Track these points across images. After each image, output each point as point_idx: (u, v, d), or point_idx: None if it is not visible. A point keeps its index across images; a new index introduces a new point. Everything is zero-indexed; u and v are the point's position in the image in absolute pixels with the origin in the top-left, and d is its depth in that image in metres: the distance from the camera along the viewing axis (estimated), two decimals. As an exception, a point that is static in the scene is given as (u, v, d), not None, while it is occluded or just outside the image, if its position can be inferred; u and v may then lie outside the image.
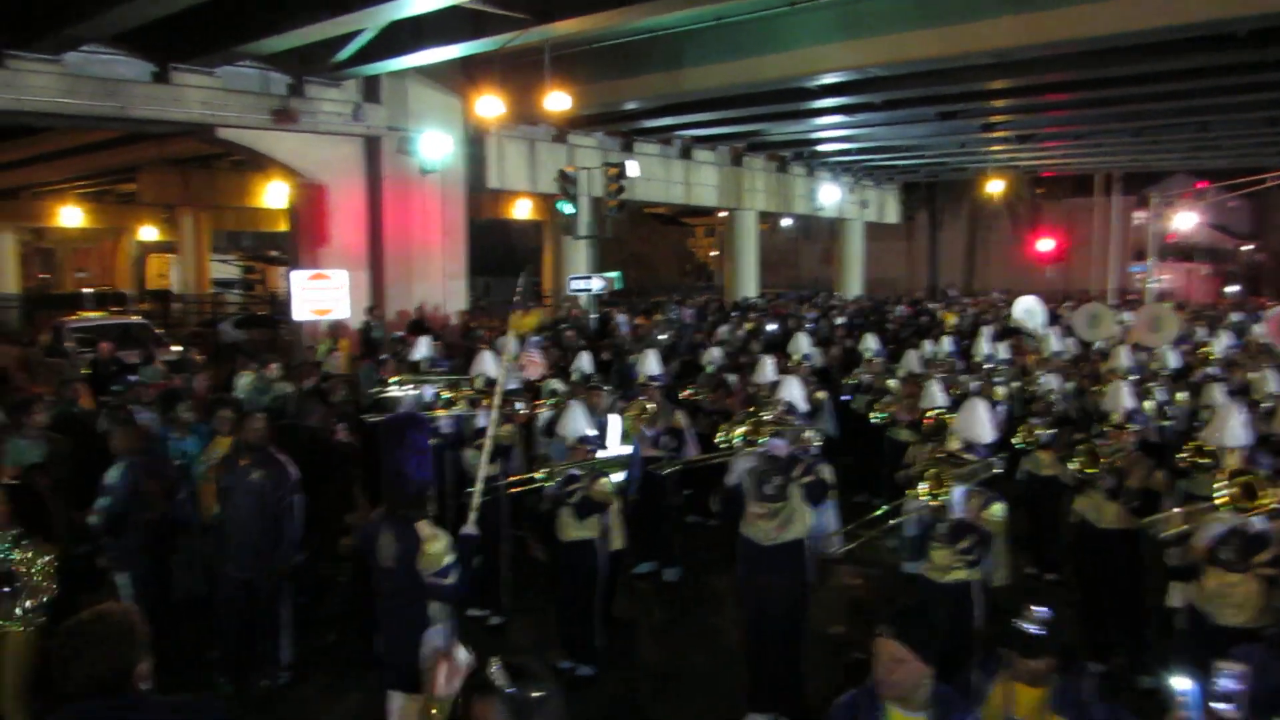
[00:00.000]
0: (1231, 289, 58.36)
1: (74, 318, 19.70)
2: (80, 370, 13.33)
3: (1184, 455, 6.93)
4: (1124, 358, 11.63)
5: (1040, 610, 3.50)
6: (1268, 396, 9.33)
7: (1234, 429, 5.97)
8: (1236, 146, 26.46)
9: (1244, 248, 64.23)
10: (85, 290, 38.67)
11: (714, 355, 11.88)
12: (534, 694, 2.66)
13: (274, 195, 30.58)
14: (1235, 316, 21.78)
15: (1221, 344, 13.98)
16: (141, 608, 6.40)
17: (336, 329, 16.43)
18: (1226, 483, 5.19)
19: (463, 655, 3.26)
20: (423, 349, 9.93)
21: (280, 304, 23.82)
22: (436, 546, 4.82)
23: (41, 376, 14.93)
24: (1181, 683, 3.33)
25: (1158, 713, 3.67)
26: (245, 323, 26.35)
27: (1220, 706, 3.30)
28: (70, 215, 40.26)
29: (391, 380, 9.33)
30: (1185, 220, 52.62)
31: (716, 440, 6.91)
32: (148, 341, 16.93)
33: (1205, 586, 5.22)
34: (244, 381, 10.71)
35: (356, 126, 18.00)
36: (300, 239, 18.61)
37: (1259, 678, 3.49)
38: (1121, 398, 7.09)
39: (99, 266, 50.16)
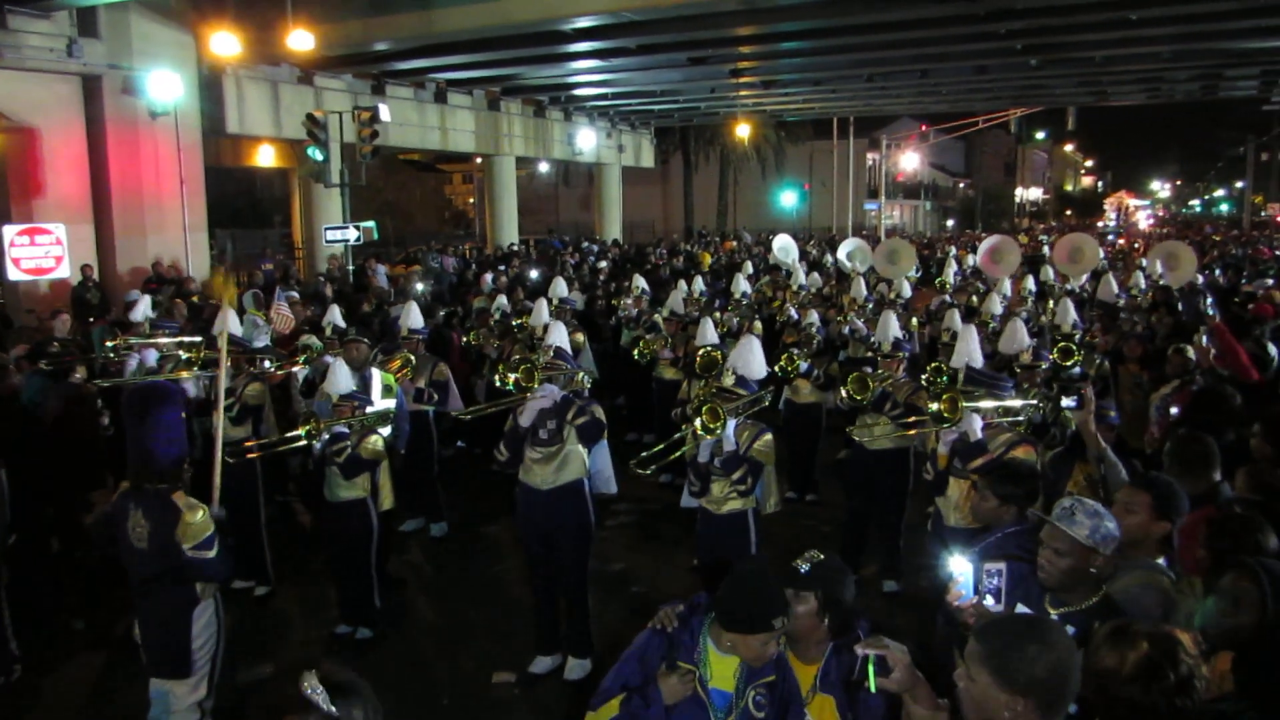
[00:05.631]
0: (949, 223, 64.24)
1: None
2: None
3: (926, 375, 7.53)
4: (861, 288, 12.74)
5: (815, 554, 3.22)
6: (994, 317, 10.49)
7: (964, 351, 6.52)
8: (952, 92, 28.78)
9: (960, 185, 70.78)
10: None
11: (502, 303, 11.67)
12: (355, 713, 2.37)
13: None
14: (952, 249, 24.00)
15: (950, 274, 15.38)
16: None
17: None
18: (934, 399, 5.63)
19: None
20: (143, 309, 8.94)
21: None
22: (197, 517, 4.53)
23: None
24: (959, 564, 3.58)
25: (900, 613, 3.97)
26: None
27: (987, 602, 3.63)
28: None
29: (108, 344, 8.50)
30: (910, 160, 57.36)
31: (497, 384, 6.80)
32: None
33: (949, 492, 5.71)
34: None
35: (72, 64, 16.16)
36: (9, 190, 16.66)
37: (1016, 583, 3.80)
38: (891, 328, 7.61)
39: None
